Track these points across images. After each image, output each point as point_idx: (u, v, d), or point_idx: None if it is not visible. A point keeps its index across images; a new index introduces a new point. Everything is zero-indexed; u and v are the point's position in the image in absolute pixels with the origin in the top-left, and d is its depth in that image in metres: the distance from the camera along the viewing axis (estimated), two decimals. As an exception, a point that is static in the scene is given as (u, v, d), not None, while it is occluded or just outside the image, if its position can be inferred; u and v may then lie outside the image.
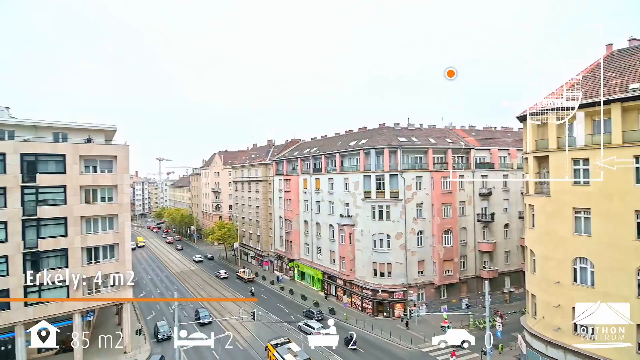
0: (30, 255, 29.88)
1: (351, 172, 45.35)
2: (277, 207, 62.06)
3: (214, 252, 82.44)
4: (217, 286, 57.05)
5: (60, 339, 33.99)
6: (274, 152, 68.39)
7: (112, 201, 33.84)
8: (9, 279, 28.97)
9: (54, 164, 31.35)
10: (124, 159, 34.30)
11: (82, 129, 34.99)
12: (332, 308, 44.42)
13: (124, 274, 33.80)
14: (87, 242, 32.12)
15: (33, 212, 29.86)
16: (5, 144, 29.79)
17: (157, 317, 43.99)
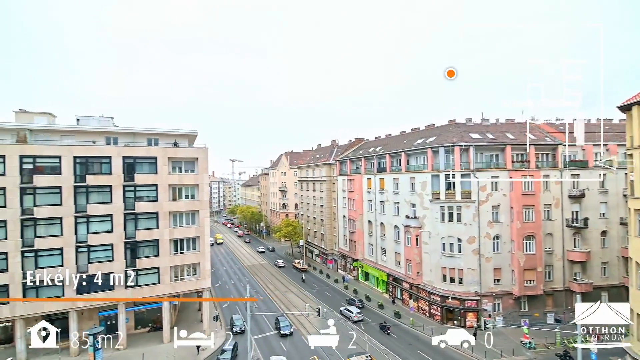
0: (130, 244, 34.68)
1: (418, 172, 43.58)
2: (341, 207, 62.50)
3: (281, 249, 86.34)
4: (282, 279, 59.68)
5: (152, 319, 39.06)
6: (337, 152, 69.04)
7: (194, 198, 37.59)
8: (114, 264, 33.97)
9: (147, 166, 35.94)
10: (204, 160, 37.83)
11: (170, 134, 39.42)
12: (398, 312, 43.23)
13: (204, 264, 37.39)
14: (174, 235, 36.19)
15: (132, 207, 34.67)
16: (111, 148, 35.03)
17: (231, 305, 47.65)
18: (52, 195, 32.48)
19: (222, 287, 56.74)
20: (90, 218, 33.40)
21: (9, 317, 31.58)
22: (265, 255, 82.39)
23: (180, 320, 41.68)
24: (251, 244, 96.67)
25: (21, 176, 31.48)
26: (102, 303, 33.87)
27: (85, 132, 36.19)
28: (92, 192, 33.64)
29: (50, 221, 32.34)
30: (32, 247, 31.58)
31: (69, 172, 32.77)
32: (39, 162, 32.31)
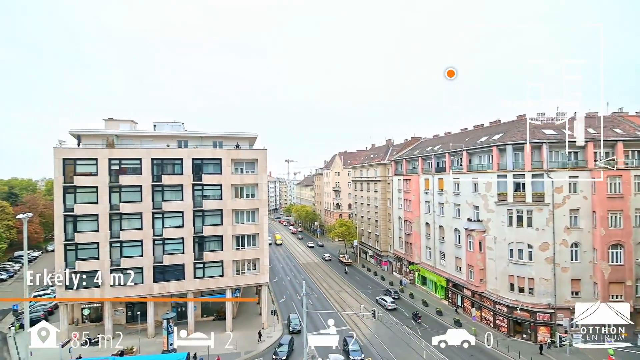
0: (198, 239, 37.67)
1: (482, 172, 40.78)
2: (396, 208, 60.97)
3: (335, 248, 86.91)
4: (336, 278, 60.05)
5: (216, 309, 41.87)
6: (392, 151, 67.46)
7: (254, 197, 39.61)
8: (184, 256, 37.19)
9: (213, 166, 38.72)
10: (263, 161, 39.66)
11: (232, 137, 41.95)
12: (458, 319, 40.93)
13: (263, 260, 39.16)
14: (236, 231, 38.51)
15: (200, 205, 37.64)
16: (182, 151, 38.37)
17: (287, 301, 49.24)
18: (134, 193, 36.61)
19: (279, 283, 58.86)
20: (165, 214, 37.01)
21: (99, 299, 36.27)
22: (316, 251, 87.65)
23: (241, 312, 44.17)
24: (305, 242, 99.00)
25: (110, 176, 36.00)
26: (174, 291, 37.28)
27: (161, 136, 40.10)
28: (167, 191, 37.22)
29: (133, 216, 36.49)
30: (118, 239, 35.95)
31: (148, 173, 36.66)
32: (123, 163, 36.64)
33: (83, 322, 40.03)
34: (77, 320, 39.82)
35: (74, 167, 35.25)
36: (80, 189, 35.23)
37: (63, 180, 34.81)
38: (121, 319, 39.62)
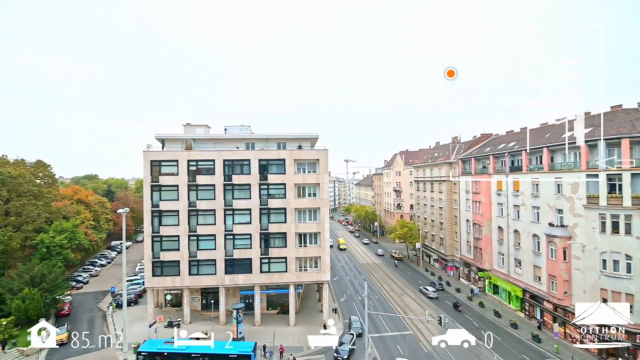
0: (264, 235, 39.72)
1: (566, 171, 36.35)
2: (464, 210, 57.28)
3: (395, 250, 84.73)
4: (397, 281, 58.49)
5: (280, 303, 43.62)
6: (459, 149, 63.50)
7: (315, 196, 40.49)
8: (251, 251, 39.51)
9: (277, 167, 40.47)
10: (324, 161, 40.32)
11: (295, 138, 43.38)
12: (537, 335, 37.04)
13: (324, 258, 39.83)
14: (298, 229, 39.77)
15: (266, 203, 39.65)
16: (250, 152, 40.79)
17: (347, 301, 49.39)
18: (208, 191, 39.95)
19: (339, 282, 59.31)
20: (234, 211, 39.73)
21: (179, 286, 40.27)
22: (371, 247, 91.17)
23: (303, 307, 45.46)
24: (365, 242, 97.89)
25: (188, 176, 39.78)
26: (243, 283, 39.83)
27: (231, 139, 43.14)
28: (236, 189, 39.92)
29: (207, 212, 39.83)
30: (195, 233, 39.55)
31: (220, 173, 39.72)
32: (199, 164, 40.18)
33: (166, 306, 44.86)
34: (161, 304, 44.74)
35: (159, 168, 39.71)
36: (164, 188, 39.56)
37: (151, 179, 39.43)
38: (197, 305, 43.52)
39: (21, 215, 47.47)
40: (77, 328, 39.34)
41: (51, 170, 60.62)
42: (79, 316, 42.99)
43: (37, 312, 37.84)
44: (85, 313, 44.08)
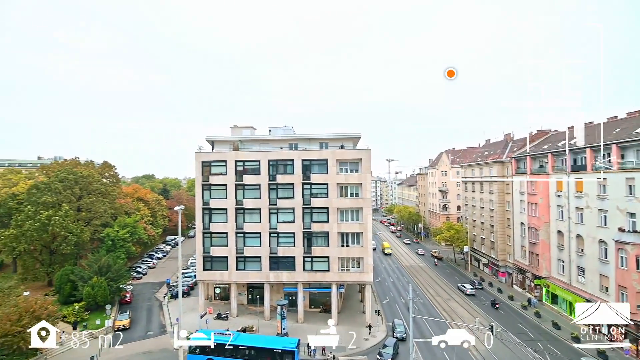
0: (307, 234, 40.30)
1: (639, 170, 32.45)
2: (518, 212, 53.46)
3: (442, 253, 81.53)
4: (442, 285, 56.15)
5: (322, 302, 43.92)
6: (512, 147, 59.39)
7: (358, 196, 40.24)
8: (295, 249, 40.29)
9: (320, 167, 40.83)
10: (367, 160, 39.92)
11: (337, 138, 43.48)
12: (603, 351, 33.48)
13: (367, 259, 39.46)
14: (341, 229, 39.82)
15: (308, 203, 40.21)
16: (293, 153, 41.59)
17: (390, 303, 48.47)
18: (254, 190, 41.44)
19: (382, 283, 58.36)
20: (279, 210, 40.81)
21: (227, 280, 42.23)
22: (412, 247, 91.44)
23: (345, 307, 45.42)
24: (409, 244, 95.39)
25: (235, 176, 41.58)
26: (286, 280, 40.76)
27: (275, 140, 44.35)
28: (280, 189, 40.97)
29: (253, 211, 41.34)
30: (242, 230, 41.24)
31: (265, 173, 41.01)
32: (246, 165, 41.81)
33: (215, 299, 47.30)
34: (211, 296, 47.25)
35: (210, 168, 41.97)
36: (214, 186, 41.75)
37: (202, 179, 41.80)
38: (243, 300, 45.33)
39: (91, 211, 52.81)
40: (137, 315, 42.95)
41: (115, 170, 66.67)
42: (139, 304, 46.82)
43: (104, 298, 41.91)
44: (144, 302, 47.89)
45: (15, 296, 33.18)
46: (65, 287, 43.94)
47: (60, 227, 46.44)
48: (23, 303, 31.13)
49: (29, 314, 30.14)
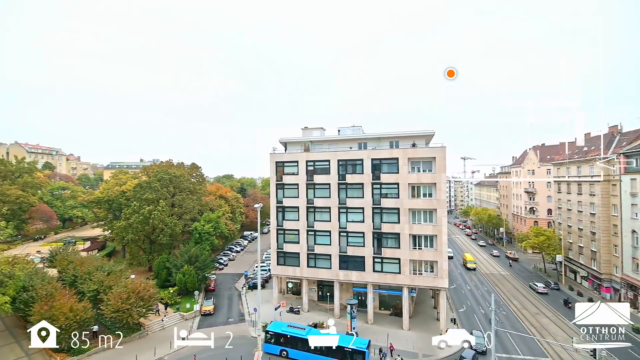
0: (376, 234, 39.74)
1: None
2: (628, 218, 45.26)
3: (528, 261, 73.19)
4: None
5: (393, 305, 42.88)
6: (620, 141, 50.49)
7: (431, 197, 38.31)
8: (364, 249, 40.04)
9: (390, 166, 39.89)
10: (441, 159, 37.74)
11: (408, 136, 41.95)
12: None
13: (441, 264, 37.37)
14: (413, 230, 38.35)
15: (378, 203, 39.60)
16: (362, 152, 41.35)
17: (467, 312, 45.13)
18: (324, 190, 42.31)
19: (457, 290, 54.65)
20: (348, 209, 41.00)
21: (299, 276, 43.83)
22: (487, 249, 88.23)
23: (417, 312, 43.63)
24: (487, 249, 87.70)
25: (306, 175, 42.93)
26: (356, 280, 40.75)
27: (344, 140, 44.62)
28: (350, 188, 41.11)
29: (323, 210, 42.22)
30: (312, 228, 42.43)
31: (335, 172, 41.56)
32: (316, 165, 42.88)
33: (287, 293, 49.50)
34: (284, 290, 49.57)
35: (283, 168, 44.05)
36: (287, 186, 43.73)
37: (276, 178, 44.10)
38: (314, 296, 46.58)
39: (182, 207, 59.52)
40: (219, 302, 47.13)
41: (201, 171, 74.08)
42: (221, 293, 51.34)
43: (192, 285, 46.90)
44: (226, 291, 52.33)
45: (124, 278, 39.07)
46: (162, 273, 50.32)
47: (158, 220, 53.34)
48: (130, 284, 36.44)
49: (135, 294, 35.21)
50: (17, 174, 78.89)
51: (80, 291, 37.51)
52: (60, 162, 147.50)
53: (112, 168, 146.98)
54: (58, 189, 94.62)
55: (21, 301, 34.17)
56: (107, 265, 42.94)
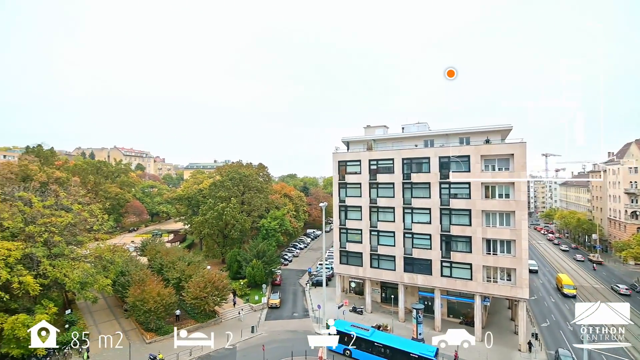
0: (445, 237, 37.56)
1: None
2: None
3: (628, 274, 62.63)
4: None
5: (463, 313, 40.18)
6: None
7: (508, 198, 34.93)
8: (431, 252, 38.14)
9: (460, 164, 37.32)
10: (521, 156, 34.17)
11: (481, 132, 38.79)
12: None
13: (520, 272, 33.89)
14: (486, 234, 35.41)
15: (447, 203, 37.37)
16: (429, 150, 39.40)
17: (551, 328, 40.25)
18: (387, 189, 41.32)
19: (539, 302, 48.97)
20: (413, 210, 39.44)
21: (361, 276, 43.45)
22: (569, 253, 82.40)
23: (491, 323, 40.19)
24: (570, 254, 77.07)
25: (369, 175, 42.34)
26: (422, 284, 39.03)
27: (408, 137, 42.97)
28: (415, 188, 39.50)
29: (386, 210, 41.25)
30: (375, 228, 41.73)
31: (399, 171, 40.29)
32: (379, 164, 42.04)
33: (350, 292, 49.45)
34: (346, 289, 49.63)
35: (345, 168, 44.08)
36: (349, 185, 43.69)
37: (338, 178, 44.31)
38: (377, 297, 45.80)
39: (251, 204, 63.16)
40: (285, 297, 48.97)
41: (267, 170, 77.82)
42: (286, 287, 53.32)
43: (260, 278, 49.48)
44: (291, 286, 54.20)
45: (202, 268, 42.80)
46: (234, 266, 54.00)
47: (230, 216, 57.37)
48: (207, 274, 39.75)
49: (211, 284, 38.32)
50: (116, 174, 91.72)
51: (166, 278, 42.00)
52: (149, 163, 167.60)
53: (191, 168, 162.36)
54: (147, 187, 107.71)
55: (119, 284, 39.49)
56: (187, 256, 47.46)
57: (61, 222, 34.37)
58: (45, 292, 32.89)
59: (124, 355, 31.40)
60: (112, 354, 32.00)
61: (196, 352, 33.03)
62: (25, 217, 33.40)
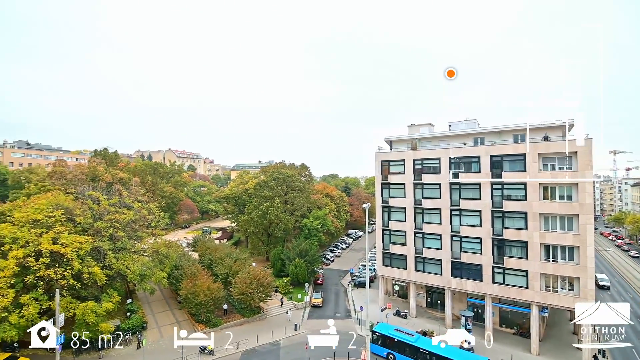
0: (497, 241, 35.24)
1: None
2: None
3: None
4: None
5: (517, 323, 37.49)
6: None
7: (570, 200, 31.87)
8: (482, 257, 35.99)
9: (515, 163, 34.78)
10: (586, 154, 30.98)
11: (538, 128, 35.75)
12: None
13: (585, 281, 30.79)
14: (545, 239, 32.62)
15: (499, 205, 35.04)
16: (479, 148, 37.20)
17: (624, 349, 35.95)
18: (433, 190, 39.72)
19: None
20: (462, 212, 37.49)
21: (405, 279, 42.24)
22: None
23: (549, 336, 37.00)
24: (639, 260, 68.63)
25: (414, 174, 41.02)
26: (471, 290, 36.98)
27: (456, 135, 40.91)
28: (463, 189, 37.53)
29: (432, 211, 39.67)
30: (420, 230, 40.34)
31: (446, 171, 38.54)
32: (424, 163, 40.56)
33: (393, 295, 48.34)
34: (390, 292, 48.59)
35: (388, 168, 43.15)
36: (392, 185, 42.68)
37: (381, 178, 43.50)
38: (422, 302, 44.26)
39: (293, 204, 64.29)
40: (327, 296, 49.14)
41: (309, 171, 78.69)
42: (328, 287, 53.50)
43: (303, 277, 50.14)
44: (332, 286, 54.29)
45: (248, 265, 44.39)
46: (277, 264, 55.33)
47: (274, 215, 58.88)
48: (252, 271, 41.12)
49: (256, 281, 39.60)
50: (170, 175, 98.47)
51: (215, 273, 44.15)
52: (199, 164, 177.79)
53: (237, 169, 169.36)
54: (198, 187, 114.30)
55: (173, 277, 42.24)
56: (234, 253, 49.50)
57: (124, 218, 37.57)
58: (110, 282, 36.09)
59: (177, 344, 33.49)
60: (167, 342, 34.31)
61: (242, 345, 34.28)
62: (94, 213, 36.99)
